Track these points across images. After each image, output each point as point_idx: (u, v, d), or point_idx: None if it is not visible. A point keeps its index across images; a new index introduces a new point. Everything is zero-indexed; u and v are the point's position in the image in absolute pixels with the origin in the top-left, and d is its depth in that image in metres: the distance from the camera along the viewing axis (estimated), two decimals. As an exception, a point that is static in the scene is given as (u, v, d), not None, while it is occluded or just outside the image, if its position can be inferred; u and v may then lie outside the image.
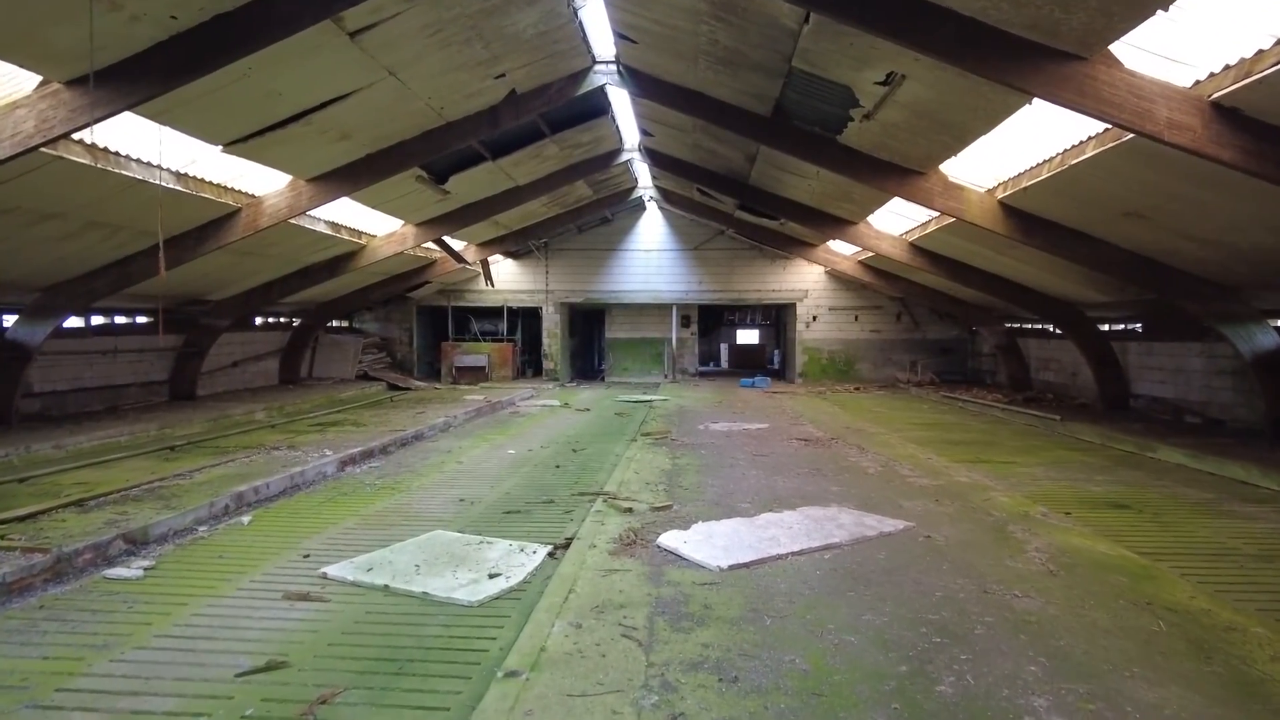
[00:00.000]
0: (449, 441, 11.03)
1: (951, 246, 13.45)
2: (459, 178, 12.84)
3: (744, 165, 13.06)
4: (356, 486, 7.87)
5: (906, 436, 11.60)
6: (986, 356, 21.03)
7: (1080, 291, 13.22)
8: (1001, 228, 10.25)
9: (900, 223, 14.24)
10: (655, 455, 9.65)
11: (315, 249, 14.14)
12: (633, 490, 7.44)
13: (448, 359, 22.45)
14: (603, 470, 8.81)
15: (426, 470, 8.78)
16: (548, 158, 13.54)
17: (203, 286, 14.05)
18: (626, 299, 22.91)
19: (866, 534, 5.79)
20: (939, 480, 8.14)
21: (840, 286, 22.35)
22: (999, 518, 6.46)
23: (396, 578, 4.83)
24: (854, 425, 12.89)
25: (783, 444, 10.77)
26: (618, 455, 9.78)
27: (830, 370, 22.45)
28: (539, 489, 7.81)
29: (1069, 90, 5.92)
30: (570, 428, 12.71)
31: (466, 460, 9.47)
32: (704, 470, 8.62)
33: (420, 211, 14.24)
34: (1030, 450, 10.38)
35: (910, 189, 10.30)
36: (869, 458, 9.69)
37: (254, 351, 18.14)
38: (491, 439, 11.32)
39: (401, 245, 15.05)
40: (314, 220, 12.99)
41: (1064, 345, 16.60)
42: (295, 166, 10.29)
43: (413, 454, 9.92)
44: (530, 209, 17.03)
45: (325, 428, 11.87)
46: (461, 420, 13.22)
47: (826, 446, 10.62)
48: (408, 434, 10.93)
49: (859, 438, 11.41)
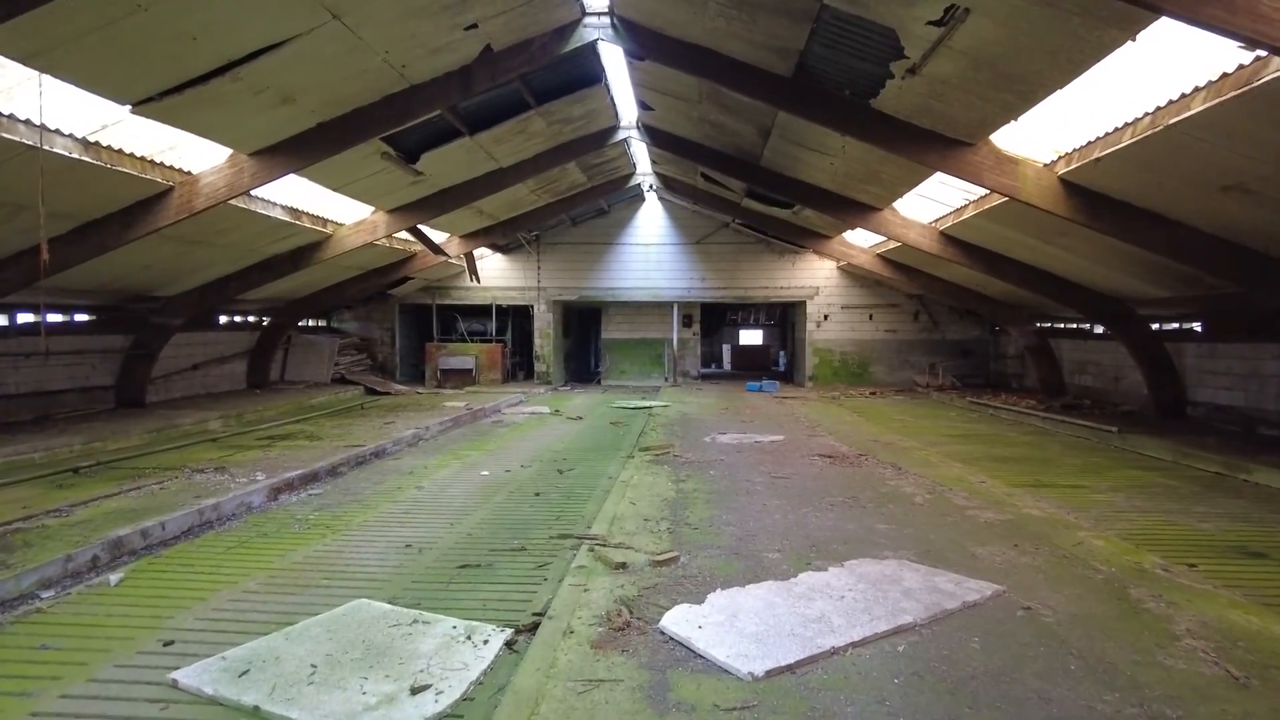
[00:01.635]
0: (414, 459, 9.47)
1: (989, 235, 11.90)
2: (432, 156, 11.28)
3: (756, 143, 11.52)
4: (283, 524, 6.31)
5: (944, 452, 10.06)
6: (1012, 359, 19.49)
7: (1135, 286, 11.68)
8: (1062, 208, 8.71)
9: (930, 210, 12.71)
10: (655, 478, 8.09)
11: (273, 238, 12.58)
12: (627, 530, 5.89)
13: (432, 361, 20.89)
14: (592, 499, 7.26)
15: (376, 499, 7.22)
16: (534, 134, 11.99)
17: (147, 280, 12.48)
18: (624, 297, 21.36)
19: (945, 605, 4.24)
20: (1005, 513, 6.60)
21: (853, 283, 20.79)
22: (1108, 574, 4.90)
23: (277, 691, 3.27)
24: (881, 437, 11.34)
25: (804, 462, 9.23)
26: (611, 478, 8.23)
27: (842, 373, 20.90)
28: (510, 528, 6.25)
29: (1216, 4, 4.38)
30: (559, 441, 11.15)
31: (429, 485, 7.91)
32: (715, 499, 7.07)
33: (391, 196, 12.68)
34: (1094, 470, 8.83)
35: (955, 163, 8.75)
36: (910, 480, 8.14)
37: (217, 353, 16.59)
38: (465, 455, 9.75)
39: (371, 235, 13.49)
40: (269, 205, 11.44)
41: (1104, 346, 15.08)
42: (232, 136, 8.73)
43: (367, 476, 8.36)
44: (517, 196, 15.47)
45: (274, 442, 10.30)
46: (435, 432, 11.65)
47: (855, 465, 9.07)
48: (366, 450, 9.37)
49: (890, 453, 9.86)
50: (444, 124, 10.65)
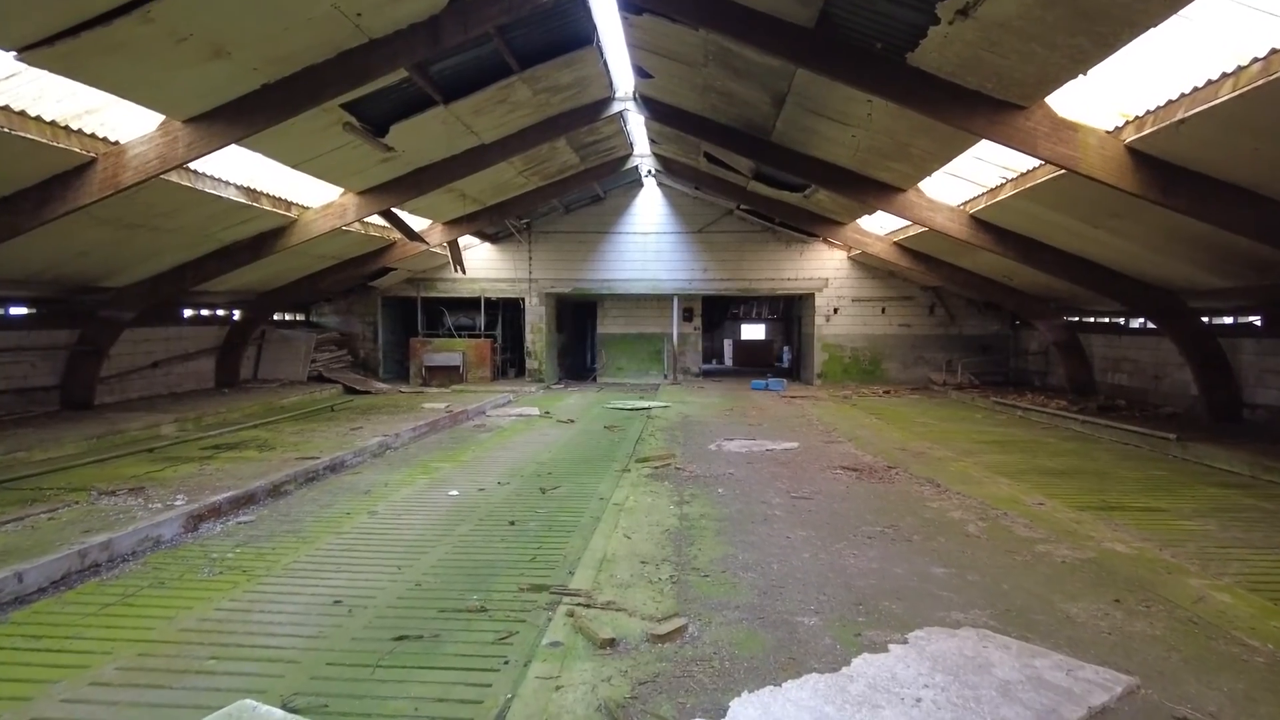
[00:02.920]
0: (376, 474, 8.21)
1: (1028, 218, 10.63)
2: (403, 129, 9.98)
3: (768, 113, 10.23)
4: (190, 567, 5.06)
5: (983, 463, 8.82)
6: (1035, 355, 18.25)
7: (1192, 274, 10.43)
8: (1129, 182, 7.44)
9: (959, 191, 11.44)
10: (655, 499, 6.85)
11: (230, 223, 11.28)
12: (619, 580, 4.64)
13: (416, 358, 19.61)
14: (577, 530, 6.00)
15: (317, 530, 5.96)
16: (518, 105, 10.69)
17: (87, 269, 11.20)
18: (621, 289, 20.07)
19: (1066, 715, 2.99)
20: (1083, 548, 5.36)
21: (865, 275, 19.52)
22: (1269, 655, 3.66)
23: None
24: (907, 445, 10.10)
25: (826, 476, 7.98)
26: (602, 499, 6.98)
27: (853, 370, 19.65)
28: (472, 574, 4.99)
29: None
30: (545, 449, 9.89)
31: (385, 509, 6.65)
32: (727, 529, 5.82)
33: (360, 176, 11.38)
34: (1162, 487, 7.60)
35: (1004, 130, 7.48)
36: (954, 501, 6.90)
37: (181, 350, 15.31)
38: (435, 469, 8.49)
39: (341, 219, 12.19)
40: (220, 185, 10.14)
41: (1141, 342, 13.85)
42: (156, 97, 7.44)
43: (315, 497, 7.10)
44: (504, 178, 14.18)
45: (219, 452, 9.02)
46: (406, 439, 10.38)
47: (886, 481, 7.83)
48: (320, 464, 8.09)
49: (923, 465, 8.62)
50: (415, 91, 9.36)
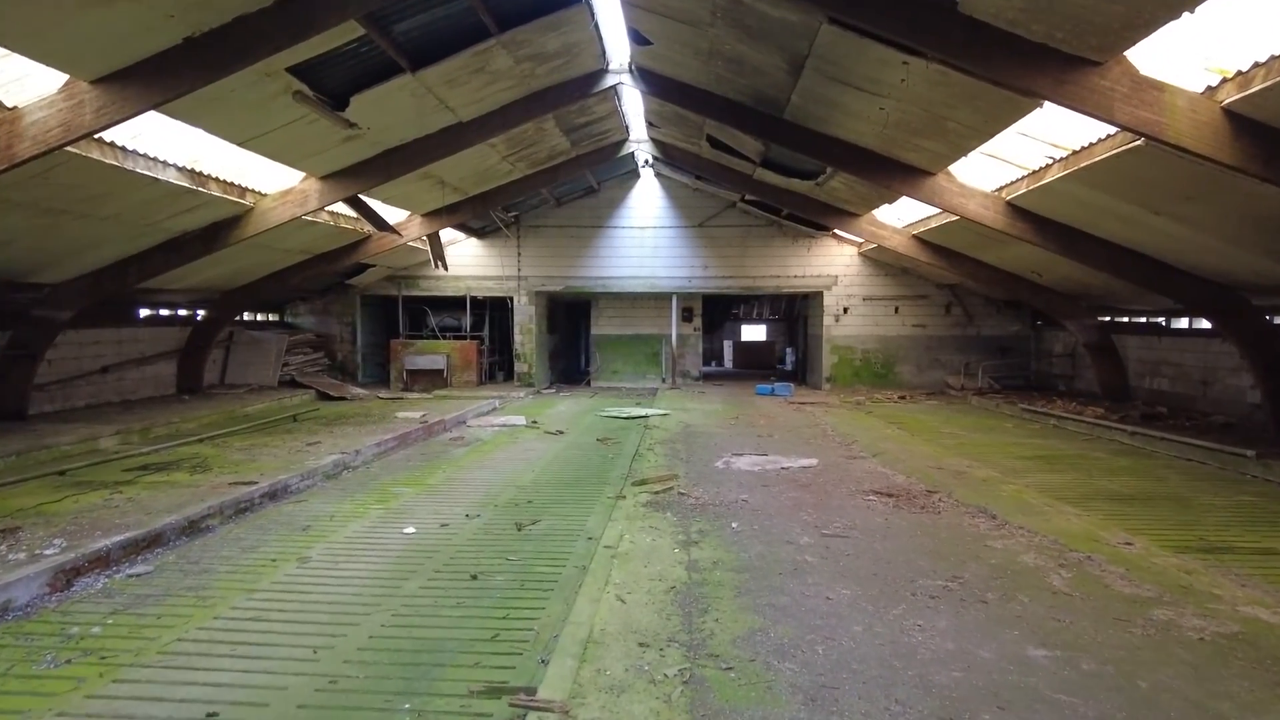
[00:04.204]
0: (324, 502, 6.90)
1: (1076, 204, 9.37)
2: (366, 100, 8.70)
3: (783, 83, 8.96)
4: (35, 649, 3.75)
5: (1035, 485, 7.56)
6: (1059, 358, 17.00)
7: (1259, 266, 9.18)
8: (1226, 152, 6.18)
9: (995, 175, 10.19)
10: (656, 538, 5.57)
11: (173, 209, 9.96)
12: (611, 678, 3.35)
13: (397, 361, 18.31)
14: (556, 589, 4.71)
15: (228, 585, 4.67)
16: (498, 75, 9.41)
17: (13, 262, 9.87)
18: (616, 287, 18.78)
19: None
20: (1217, 618, 4.09)
21: (877, 271, 18.27)
22: None
23: None
24: (941, 461, 8.84)
25: (857, 504, 6.71)
26: (591, 539, 5.69)
27: (864, 374, 18.39)
28: (410, 664, 3.69)
29: None
30: (528, 469, 8.60)
31: (321, 553, 5.35)
32: (750, 588, 4.55)
33: (321, 158, 10.08)
34: (1264, 519, 6.34)
35: (1074, 90, 6.22)
36: (1020, 539, 5.64)
37: (137, 353, 14.00)
38: (396, 495, 7.19)
39: (302, 207, 10.89)
40: (156, 165, 8.82)
41: (1185, 343, 12.63)
42: (52, 48, 6.12)
43: (242, 535, 5.81)
44: (487, 164, 12.89)
45: (142, 475, 7.69)
46: (369, 455, 9.07)
47: (930, 510, 6.56)
48: (257, 490, 6.78)
49: (967, 488, 7.36)
50: (376, 55, 8.07)
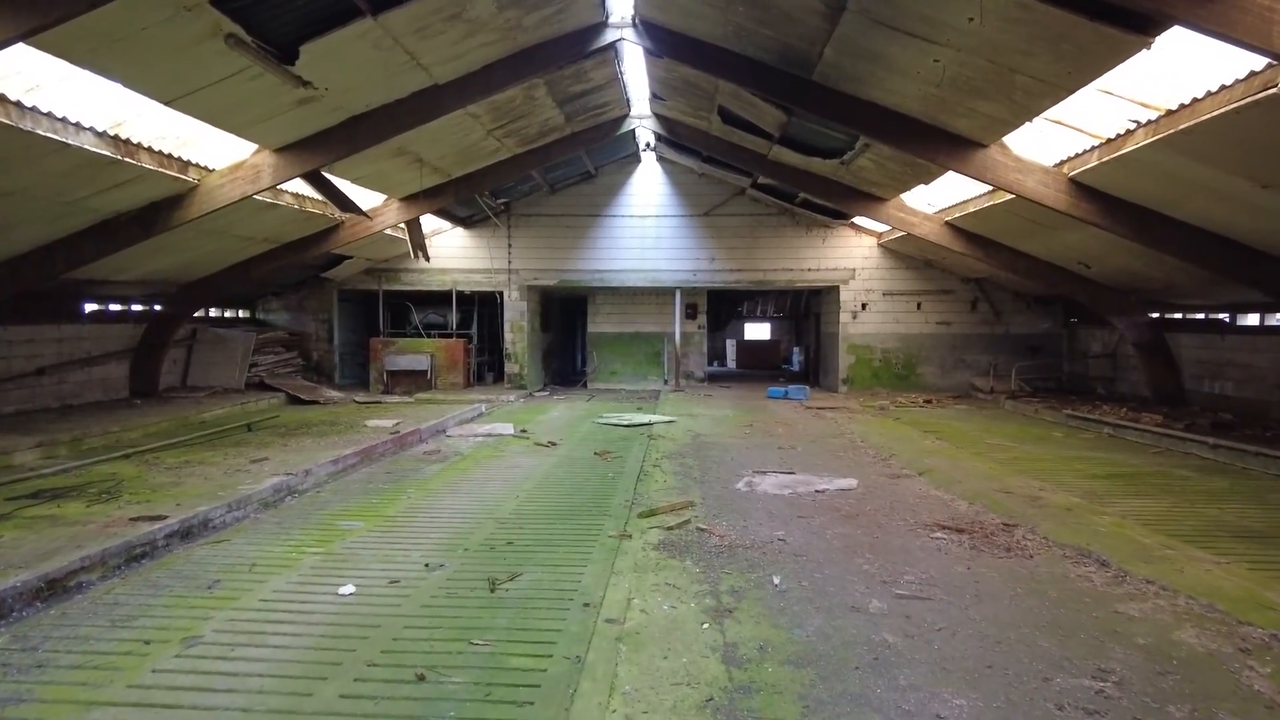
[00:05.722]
0: (249, 542, 5.43)
1: (1161, 178, 7.93)
2: (320, 51, 7.22)
3: (816, 34, 7.52)
4: None
5: (1128, 514, 6.14)
6: (1097, 358, 15.59)
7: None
8: None
9: (1057, 146, 8.76)
10: (675, 605, 4.13)
11: (97, 184, 8.47)
12: None
13: (377, 361, 16.85)
14: (539, 694, 3.26)
15: (57, 696, 3.22)
16: (478, 26, 7.95)
17: (-94, 246, 8.41)
18: (615, 281, 17.33)
19: None
20: None
21: (898, 264, 16.85)
22: None
23: None
24: (1004, 482, 7.41)
25: (923, 543, 5.28)
26: (587, 606, 4.22)
27: (884, 375, 16.96)
28: None
29: None
30: (512, 494, 7.14)
31: (219, 631, 3.89)
32: (818, 695, 3.12)
33: (272, 124, 8.61)
34: None
35: (1218, 10, 4.81)
36: (1156, 601, 4.22)
37: (81, 352, 12.52)
38: (342, 534, 5.72)
39: (254, 184, 9.41)
40: (67, 128, 7.29)
41: (1256, 342, 11.30)
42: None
43: (121, 598, 4.35)
44: (470, 139, 11.42)
45: (30, 504, 6.19)
46: (322, 475, 7.57)
47: (1017, 552, 5.13)
48: (165, 528, 5.30)
49: (1053, 520, 5.94)
50: (328, -9, 6.63)
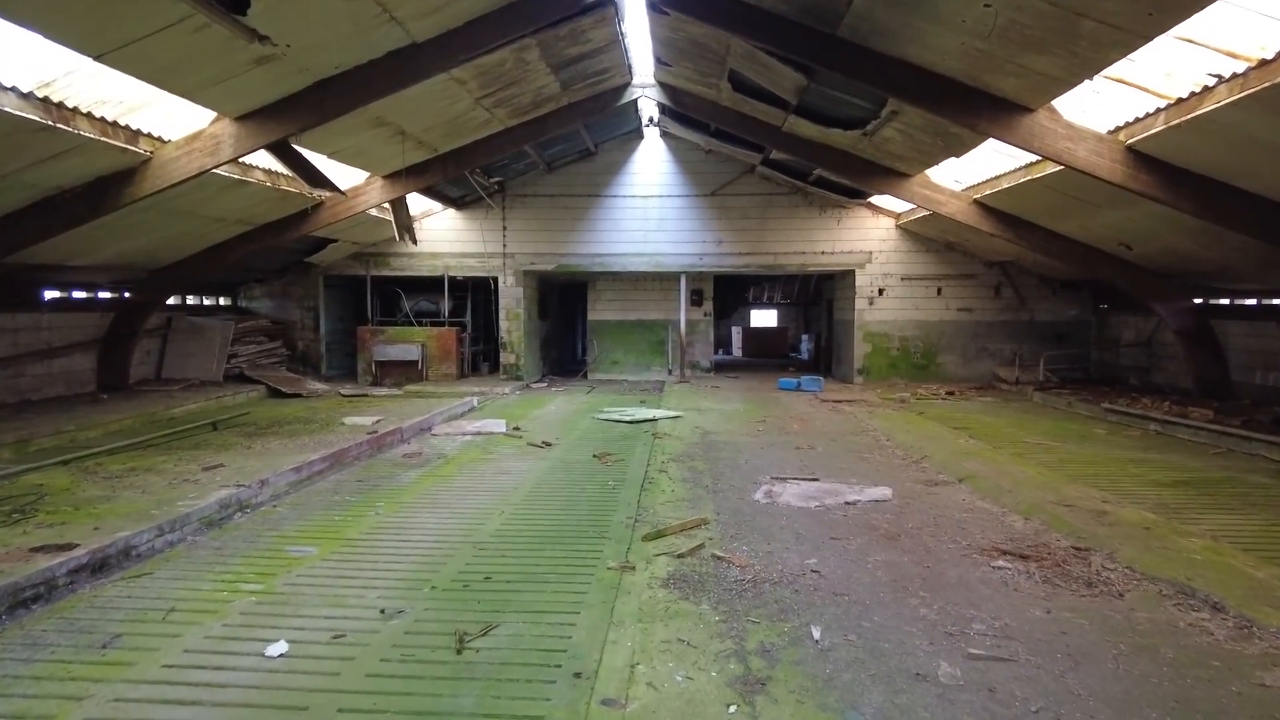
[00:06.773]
0: (175, 576, 4.52)
1: (1237, 143, 6.93)
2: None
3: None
4: None
5: (1217, 533, 5.21)
6: (1130, 347, 14.63)
7: None
8: None
9: (1112, 111, 7.77)
10: (691, 674, 3.21)
11: (31, 155, 7.48)
12: None
13: (366, 350, 15.94)
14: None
15: None
16: (459, -29, 6.99)
17: None
18: (617, 266, 16.34)
19: None
20: None
21: (918, 247, 15.85)
22: None
23: None
24: (1061, 492, 6.46)
25: (988, 576, 4.35)
26: (579, 678, 3.28)
27: (902, 365, 16.01)
28: None
29: None
30: (496, 508, 6.21)
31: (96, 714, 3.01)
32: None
33: (228, 86, 7.62)
34: None
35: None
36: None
37: (41, 343, 11.64)
38: (288, 564, 4.79)
39: (214, 156, 8.44)
40: (-9, 88, 6.38)
41: (1316, 331, 10.32)
42: None
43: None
44: (457, 108, 10.42)
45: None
46: (281, 485, 6.64)
47: (1103, 589, 4.21)
48: (72, 561, 4.39)
49: (1127, 541, 5.00)
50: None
